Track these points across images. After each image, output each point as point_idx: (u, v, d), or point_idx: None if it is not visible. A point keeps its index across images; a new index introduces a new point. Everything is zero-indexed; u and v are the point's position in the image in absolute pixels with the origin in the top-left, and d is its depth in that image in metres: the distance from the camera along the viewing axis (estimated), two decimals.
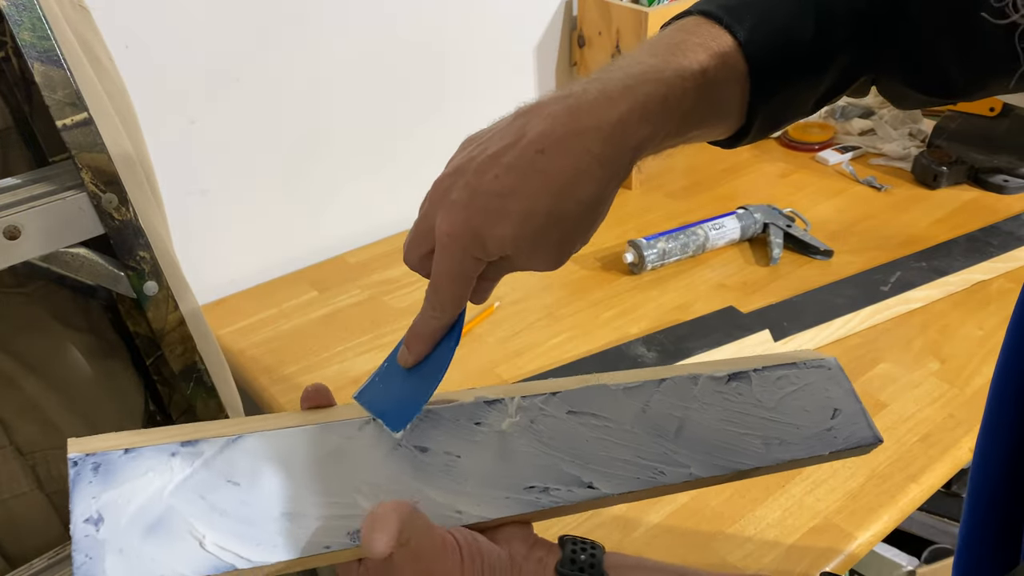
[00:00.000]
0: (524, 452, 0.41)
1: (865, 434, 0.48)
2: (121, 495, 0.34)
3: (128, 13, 0.82)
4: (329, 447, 0.38)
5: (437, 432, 0.40)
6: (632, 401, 0.44)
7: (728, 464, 0.44)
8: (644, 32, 1.08)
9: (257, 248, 1.04)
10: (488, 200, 0.38)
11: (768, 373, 0.47)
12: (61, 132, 0.48)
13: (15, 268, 0.51)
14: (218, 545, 0.34)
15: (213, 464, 0.36)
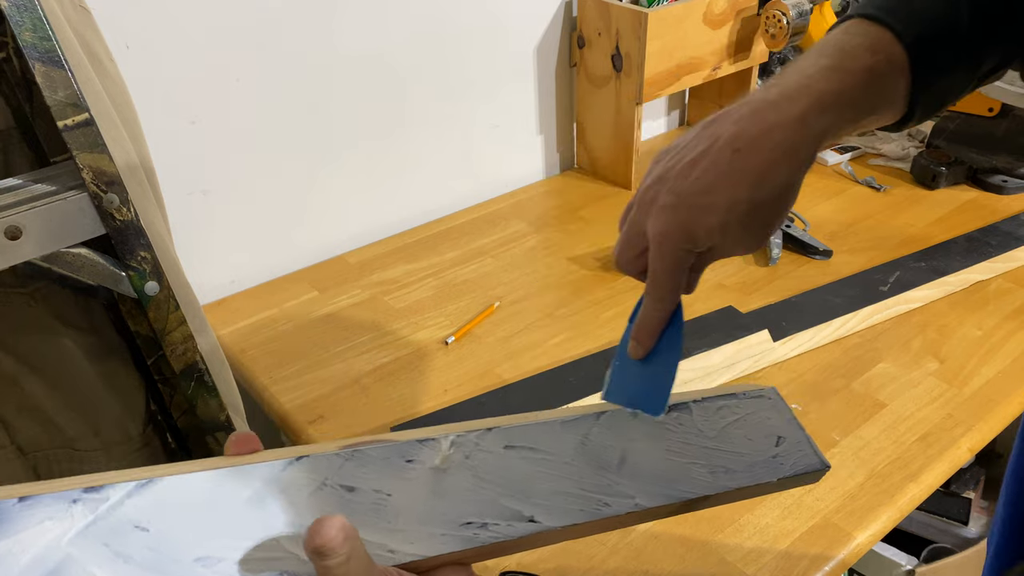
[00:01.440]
0: (460, 488, 0.39)
1: (811, 460, 0.48)
2: (15, 544, 0.31)
3: (129, 13, 0.82)
4: (249, 490, 0.36)
5: (365, 471, 0.38)
6: (571, 434, 0.43)
7: (675, 494, 0.43)
8: (644, 32, 1.08)
9: (257, 248, 1.04)
10: (694, 198, 0.44)
11: (708, 404, 0.48)
12: (62, 132, 0.48)
13: (16, 268, 0.51)
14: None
15: (119, 509, 0.33)
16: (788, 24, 1.17)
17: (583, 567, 0.65)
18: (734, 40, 1.21)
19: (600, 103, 1.20)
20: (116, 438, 0.69)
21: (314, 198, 1.06)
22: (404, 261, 1.07)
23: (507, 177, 1.26)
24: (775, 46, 1.21)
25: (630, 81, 1.13)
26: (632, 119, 1.16)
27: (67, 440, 0.68)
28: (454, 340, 0.91)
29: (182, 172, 0.93)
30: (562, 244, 1.09)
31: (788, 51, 1.38)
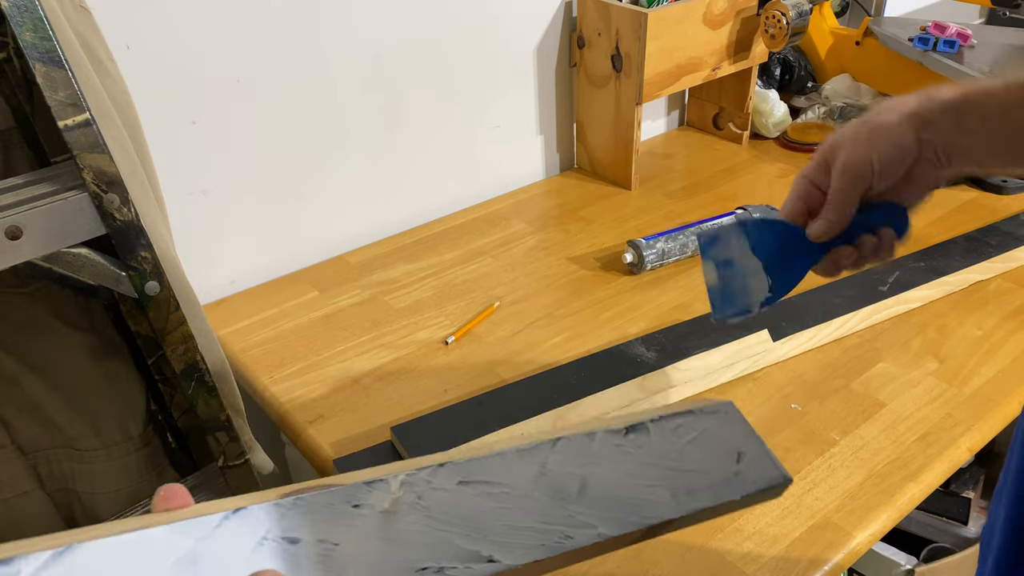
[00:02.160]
0: (412, 531, 0.37)
1: (773, 475, 0.47)
2: None
3: (129, 13, 0.83)
4: (181, 551, 0.33)
5: (308, 520, 0.36)
6: (528, 465, 0.42)
7: (638, 520, 0.42)
8: (644, 32, 1.08)
9: (257, 248, 1.04)
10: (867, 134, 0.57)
11: (665, 423, 0.47)
12: (63, 132, 0.48)
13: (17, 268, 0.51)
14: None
15: (44, 572, 0.30)
16: (788, 24, 1.17)
17: (583, 567, 0.65)
18: (734, 40, 1.21)
19: (600, 103, 1.20)
20: (116, 438, 0.70)
21: (314, 198, 1.06)
22: (404, 261, 1.07)
23: (507, 177, 1.26)
24: (775, 46, 1.21)
25: (630, 81, 1.13)
26: (632, 119, 1.16)
27: (67, 440, 0.68)
28: (454, 340, 0.91)
29: (182, 172, 0.93)
30: (562, 244, 1.09)
31: (787, 51, 1.39)
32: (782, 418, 0.79)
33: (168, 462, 0.75)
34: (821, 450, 0.75)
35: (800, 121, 1.37)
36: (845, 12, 1.56)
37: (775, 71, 1.40)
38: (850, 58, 1.36)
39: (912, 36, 1.19)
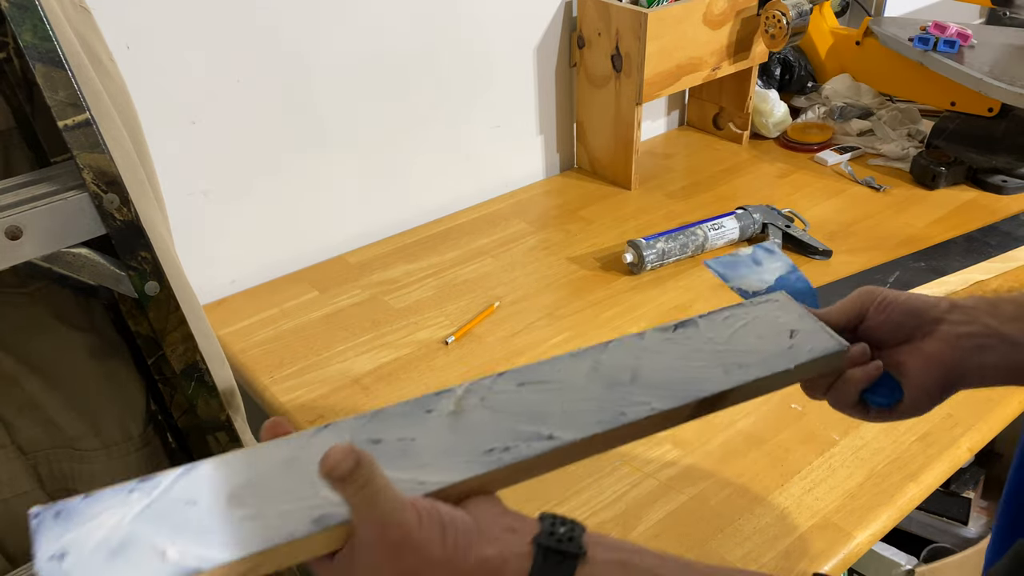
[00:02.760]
0: (478, 424, 0.42)
1: (829, 344, 0.48)
2: (83, 532, 0.35)
3: (129, 13, 0.83)
4: (282, 457, 0.39)
5: (387, 426, 0.41)
6: (581, 363, 0.45)
7: (690, 394, 0.44)
8: (644, 32, 1.08)
9: (257, 248, 1.04)
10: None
11: (714, 316, 0.49)
12: (63, 132, 0.48)
13: (17, 268, 0.51)
14: (180, 553, 0.35)
15: (171, 491, 0.38)
16: (788, 24, 1.17)
17: None
18: (734, 40, 1.21)
19: (600, 103, 1.20)
20: (116, 438, 0.69)
21: (314, 198, 1.06)
22: (404, 261, 1.07)
23: (507, 177, 1.26)
24: (775, 46, 1.21)
25: (630, 81, 1.13)
26: (632, 119, 1.16)
27: (67, 440, 0.68)
28: (454, 340, 0.91)
29: (182, 172, 0.93)
30: (562, 244, 1.09)
31: (787, 51, 1.39)
32: (782, 418, 0.79)
33: (168, 462, 0.74)
34: (821, 450, 0.75)
35: (800, 121, 1.37)
36: (845, 12, 1.56)
37: (775, 71, 1.40)
38: (850, 58, 1.36)
39: (912, 36, 1.19)
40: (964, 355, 0.50)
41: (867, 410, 0.53)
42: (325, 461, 0.36)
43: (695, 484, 0.72)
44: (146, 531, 0.36)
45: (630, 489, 0.72)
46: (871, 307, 0.52)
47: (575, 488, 0.72)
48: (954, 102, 1.18)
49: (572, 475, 0.73)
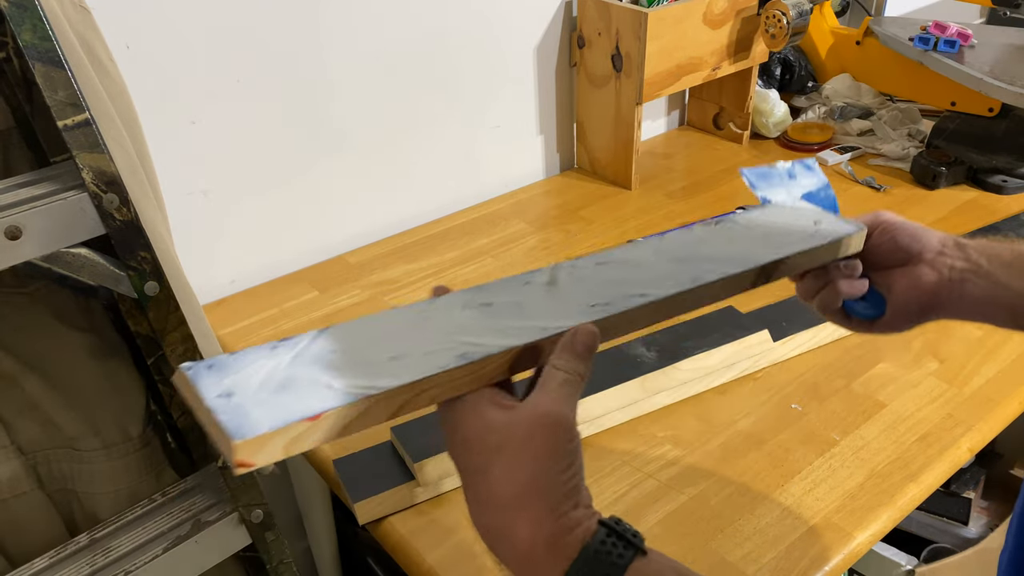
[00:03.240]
0: (574, 290, 0.47)
1: (848, 228, 0.57)
2: (242, 377, 0.38)
3: (129, 13, 0.82)
4: (408, 319, 0.44)
5: (495, 293, 0.46)
6: (645, 248, 0.52)
7: (751, 262, 0.51)
8: (644, 32, 1.08)
9: (257, 248, 1.04)
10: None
11: (748, 212, 0.57)
12: (62, 132, 0.48)
13: (16, 268, 0.51)
14: (345, 384, 0.38)
15: (313, 345, 0.41)
16: (788, 24, 1.17)
17: None
18: (734, 40, 1.21)
19: (600, 103, 1.20)
20: (116, 438, 0.69)
21: (314, 198, 1.06)
22: (404, 261, 1.07)
23: (507, 177, 1.26)
24: (775, 46, 1.21)
25: (630, 81, 1.13)
26: (632, 119, 1.16)
27: (67, 440, 0.68)
28: None
29: (182, 172, 0.93)
30: (562, 244, 1.09)
31: (788, 51, 1.39)
32: (783, 418, 0.79)
33: (167, 462, 0.74)
34: (822, 450, 0.75)
35: (800, 121, 1.37)
36: (845, 12, 1.56)
37: (775, 71, 1.40)
38: (850, 58, 1.36)
39: (912, 36, 1.18)
40: (949, 285, 0.54)
41: (848, 319, 0.59)
42: (580, 332, 0.41)
43: (695, 484, 0.72)
44: (304, 372, 0.39)
45: (630, 489, 0.72)
46: (877, 228, 0.58)
47: None
48: (954, 102, 1.18)
49: None
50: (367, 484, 0.70)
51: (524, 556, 0.39)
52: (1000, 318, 0.54)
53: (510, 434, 0.39)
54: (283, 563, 0.70)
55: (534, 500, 0.39)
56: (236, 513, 0.65)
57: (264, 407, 0.36)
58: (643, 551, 0.39)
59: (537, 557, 0.39)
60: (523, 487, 0.39)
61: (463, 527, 0.68)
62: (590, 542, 0.38)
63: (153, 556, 0.61)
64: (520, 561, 0.39)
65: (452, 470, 0.71)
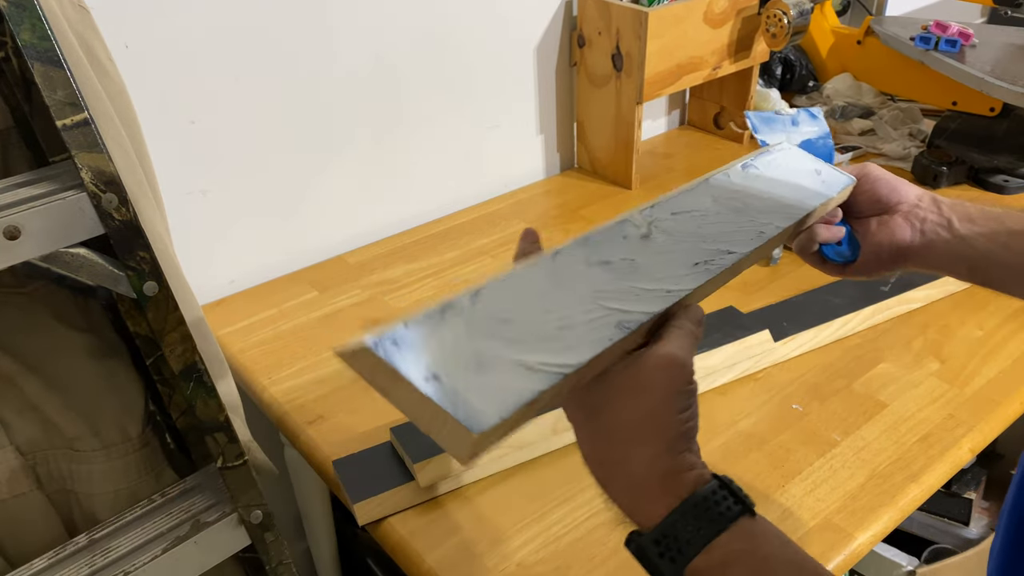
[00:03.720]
0: (668, 245, 0.49)
1: (844, 179, 0.60)
2: (434, 356, 0.37)
3: (129, 13, 0.82)
4: (544, 271, 0.45)
5: (605, 249, 0.48)
6: (702, 196, 0.54)
7: (793, 214, 0.54)
8: (644, 32, 1.08)
9: (257, 248, 1.04)
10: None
11: (760, 159, 0.61)
12: (61, 132, 0.48)
13: (15, 268, 0.51)
14: (537, 363, 0.38)
15: (477, 312, 0.40)
16: (789, 23, 1.17)
17: (584, 567, 0.65)
18: (735, 39, 1.20)
19: (600, 103, 1.20)
20: (115, 438, 0.69)
21: (314, 198, 1.06)
22: (404, 261, 1.07)
23: (507, 177, 1.25)
24: (776, 45, 1.21)
25: (630, 81, 1.13)
26: (632, 119, 1.16)
27: (66, 440, 0.68)
28: None
29: (182, 172, 0.93)
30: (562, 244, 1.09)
31: (788, 50, 1.38)
32: (783, 419, 0.78)
33: (167, 463, 0.74)
34: (822, 451, 0.75)
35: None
36: (846, 11, 1.56)
37: (776, 70, 1.40)
38: (851, 57, 1.36)
39: (914, 35, 1.18)
40: (920, 237, 0.58)
41: (824, 262, 0.65)
42: (692, 308, 0.45)
43: None
44: (487, 346, 0.38)
45: None
46: (861, 178, 0.61)
47: (576, 488, 0.72)
48: (956, 102, 1.18)
49: (573, 475, 0.73)
50: (367, 485, 0.70)
51: (637, 487, 0.41)
52: (960, 272, 0.58)
53: (632, 373, 0.41)
54: (283, 564, 0.70)
55: (652, 434, 0.41)
56: (235, 514, 0.64)
57: (478, 393, 0.36)
58: (752, 512, 0.41)
59: (649, 490, 0.41)
60: (643, 421, 0.41)
61: (463, 527, 0.68)
62: (703, 488, 0.40)
63: (152, 557, 0.61)
64: (632, 493, 0.41)
65: (452, 470, 0.71)
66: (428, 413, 0.36)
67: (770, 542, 0.41)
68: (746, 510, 0.41)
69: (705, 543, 0.39)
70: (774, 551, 0.41)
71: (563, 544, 0.67)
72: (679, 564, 0.39)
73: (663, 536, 0.39)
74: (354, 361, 0.37)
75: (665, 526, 0.40)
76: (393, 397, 0.37)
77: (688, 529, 0.39)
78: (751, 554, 0.40)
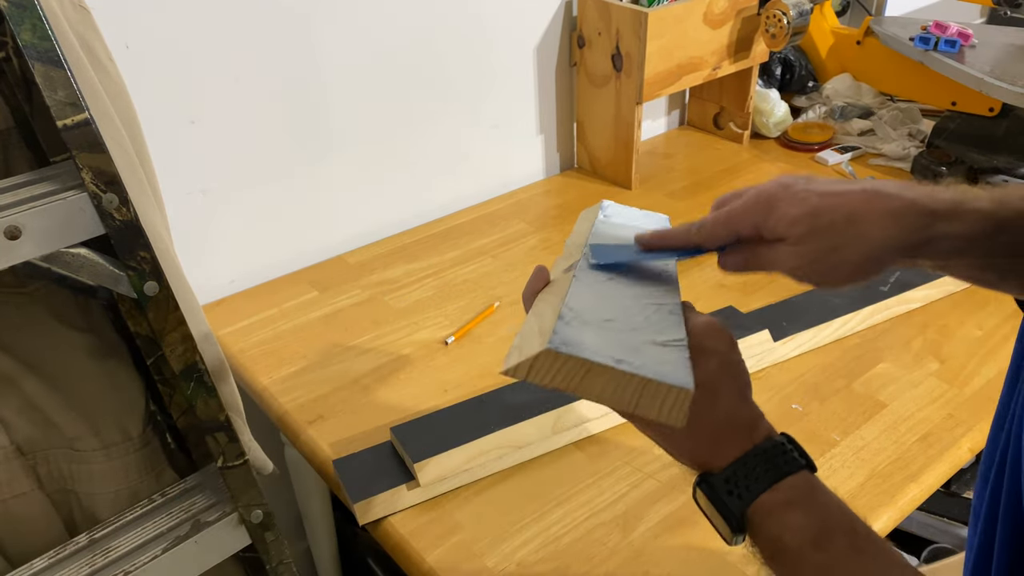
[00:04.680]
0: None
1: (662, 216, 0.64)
2: (598, 348, 0.41)
3: (129, 13, 0.82)
4: (589, 286, 0.49)
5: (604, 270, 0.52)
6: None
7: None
8: (644, 32, 1.08)
9: (257, 248, 1.04)
10: (803, 188, 0.47)
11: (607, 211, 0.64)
12: (61, 132, 0.48)
13: (16, 268, 0.51)
14: (666, 340, 0.44)
15: (585, 317, 0.44)
16: (788, 24, 1.17)
17: (583, 567, 0.65)
18: (734, 40, 1.20)
19: (600, 103, 1.20)
20: (115, 438, 0.69)
21: (314, 198, 1.06)
22: (404, 261, 1.07)
23: (507, 177, 1.25)
24: (775, 46, 1.21)
25: (630, 81, 1.13)
26: (632, 119, 1.16)
27: (66, 440, 0.68)
28: (454, 340, 0.91)
29: (182, 172, 0.93)
30: (562, 244, 1.09)
31: (788, 51, 1.38)
32: (783, 418, 0.78)
33: (167, 463, 0.74)
34: (822, 451, 0.75)
35: (801, 121, 1.37)
36: (846, 11, 1.56)
37: (776, 70, 1.40)
38: (851, 58, 1.36)
39: (913, 36, 1.18)
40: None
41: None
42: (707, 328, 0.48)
43: None
44: (624, 337, 0.43)
45: (630, 489, 0.72)
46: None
47: (576, 488, 0.72)
48: (955, 102, 1.18)
49: (573, 475, 0.73)
50: (367, 484, 0.70)
51: (718, 433, 0.45)
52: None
53: (692, 344, 0.45)
54: (283, 563, 0.70)
55: (727, 380, 0.46)
56: (236, 513, 0.64)
57: (659, 364, 0.41)
58: (814, 468, 0.45)
59: (728, 435, 0.45)
60: (716, 372, 0.45)
61: (463, 527, 0.68)
62: (773, 439, 0.45)
63: (153, 556, 0.61)
64: (714, 439, 0.45)
65: (451, 470, 0.71)
66: (633, 391, 0.40)
67: (828, 493, 0.45)
68: (809, 465, 0.45)
69: (771, 483, 0.43)
70: (831, 500, 0.45)
71: (563, 544, 0.67)
72: (745, 500, 0.43)
73: (733, 474, 0.44)
74: (535, 367, 0.41)
75: (737, 466, 0.44)
76: (586, 388, 0.41)
77: (757, 470, 0.43)
78: (811, 499, 0.44)
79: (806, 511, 0.43)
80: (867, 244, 0.45)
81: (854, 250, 0.46)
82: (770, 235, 0.48)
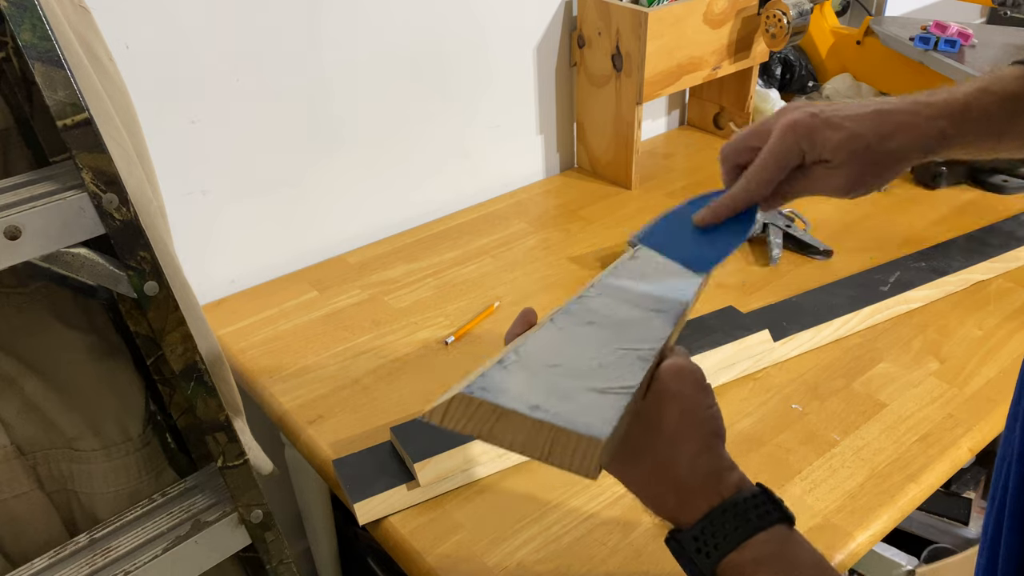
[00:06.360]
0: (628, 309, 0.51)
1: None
2: (518, 394, 0.40)
3: (129, 13, 0.82)
4: (556, 333, 0.47)
5: (585, 315, 0.49)
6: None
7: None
8: (644, 32, 1.08)
9: (257, 248, 1.04)
10: (830, 115, 0.53)
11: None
12: (62, 132, 0.48)
13: (16, 268, 0.51)
14: (607, 387, 0.41)
15: (527, 361, 0.43)
16: (788, 24, 1.17)
17: (583, 567, 0.65)
18: (734, 40, 1.21)
19: (600, 103, 1.20)
20: (115, 438, 0.69)
21: (314, 198, 1.06)
22: (404, 261, 1.07)
23: (507, 177, 1.25)
24: (775, 46, 1.21)
25: (630, 81, 1.13)
26: (632, 119, 1.16)
27: (66, 440, 0.68)
28: (454, 340, 0.91)
29: (182, 172, 0.93)
30: (562, 244, 1.09)
31: (788, 50, 1.38)
32: (783, 418, 0.78)
33: (167, 462, 0.74)
34: (822, 450, 0.75)
35: None
36: (846, 11, 1.56)
37: (776, 70, 1.40)
38: (851, 57, 1.36)
39: (913, 35, 1.18)
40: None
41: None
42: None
43: None
44: (558, 382, 0.41)
45: None
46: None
47: (575, 488, 0.72)
48: None
49: (572, 475, 0.73)
50: (367, 484, 0.70)
51: (683, 487, 0.43)
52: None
53: (655, 392, 0.44)
54: (283, 563, 0.70)
55: (690, 431, 0.44)
56: (236, 513, 0.64)
57: (581, 413, 0.39)
58: (790, 522, 0.43)
59: (694, 489, 0.43)
60: (679, 422, 0.44)
61: (463, 527, 0.68)
62: (744, 491, 0.43)
63: (153, 556, 0.61)
64: (679, 494, 0.43)
65: (451, 470, 0.71)
66: (544, 439, 0.38)
67: (802, 548, 0.43)
68: (784, 519, 0.43)
69: (739, 542, 0.41)
70: (802, 556, 0.42)
71: (563, 544, 0.67)
72: (713, 559, 0.41)
73: (702, 532, 0.42)
74: (448, 412, 0.40)
75: (705, 523, 0.42)
76: (497, 435, 0.39)
77: (727, 527, 0.42)
78: (780, 556, 0.42)
79: (775, 570, 0.41)
80: (896, 156, 0.53)
81: (888, 163, 0.53)
82: (815, 159, 0.53)
